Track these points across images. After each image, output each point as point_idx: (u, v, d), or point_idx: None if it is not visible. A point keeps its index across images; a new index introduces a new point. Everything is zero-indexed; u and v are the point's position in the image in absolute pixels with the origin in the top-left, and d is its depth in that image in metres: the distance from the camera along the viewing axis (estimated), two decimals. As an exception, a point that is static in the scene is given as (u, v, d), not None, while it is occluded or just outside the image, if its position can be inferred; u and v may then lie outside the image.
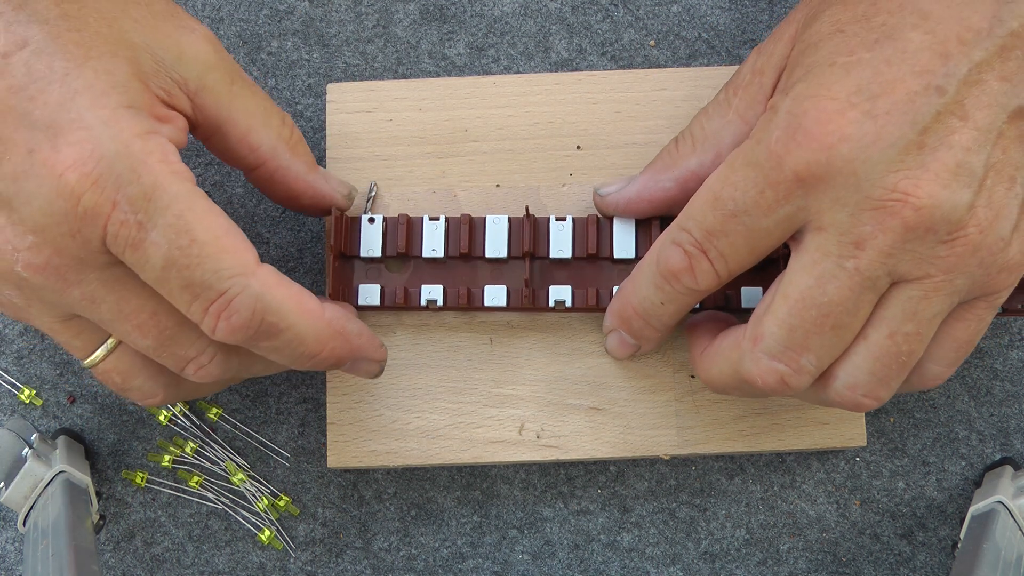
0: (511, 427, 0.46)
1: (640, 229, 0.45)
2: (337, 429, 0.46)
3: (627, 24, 0.51)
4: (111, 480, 0.49)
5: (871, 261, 0.35)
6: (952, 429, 0.49)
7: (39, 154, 0.35)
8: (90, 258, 0.36)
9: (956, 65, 0.34)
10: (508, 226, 0.46)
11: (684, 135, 0.43)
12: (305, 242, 0.50)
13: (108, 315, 0.37)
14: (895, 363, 0.37)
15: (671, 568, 0.49)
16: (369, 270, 0.46)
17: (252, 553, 0.49)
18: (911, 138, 0.34)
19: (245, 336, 0.37)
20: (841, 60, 0.36)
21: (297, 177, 0.43)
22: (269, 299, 0.37)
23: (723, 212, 0.37)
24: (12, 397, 0.50)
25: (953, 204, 0.35)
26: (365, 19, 0.51)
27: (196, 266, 0.35)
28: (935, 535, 0.49)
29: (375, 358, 0.42)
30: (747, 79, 0.41)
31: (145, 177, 0.35)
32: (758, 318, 0.38)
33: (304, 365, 0.39)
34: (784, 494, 0.49)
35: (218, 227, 0.36)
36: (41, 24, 0.36)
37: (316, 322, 0.38)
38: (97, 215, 0.35)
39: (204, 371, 0.39)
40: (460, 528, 0.49)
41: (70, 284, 0.36)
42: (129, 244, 0.35)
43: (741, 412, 0.46)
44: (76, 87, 0.35)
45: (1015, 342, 0.50)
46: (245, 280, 0.36)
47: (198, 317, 0.36)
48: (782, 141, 0.36)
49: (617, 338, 0.44)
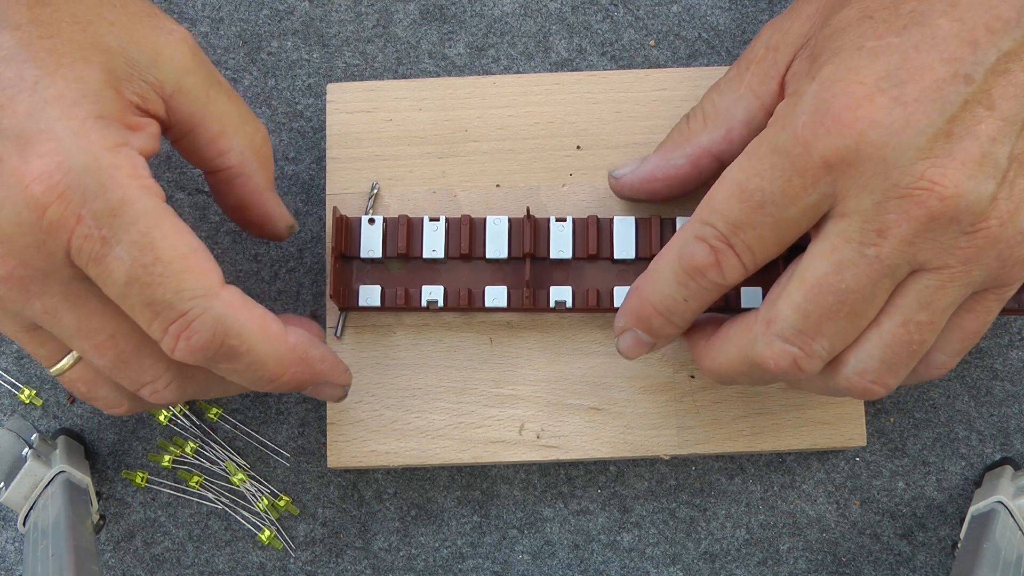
0: (511, 427, 0.46)
1: (640, 229, 0.45)
2: (337, 429, 0.46)
3: (627, 24, 0.51)
4: (111, 480, 0.49)
5: (893, 249, 0.35)
6: (952, 429, 0.49)
7: (7, 163, 0.34)
8: (54, 271, 0.35)
9: (984, 54, 0.34)
10: (508, 227, 0.46)
11: (695, 112, 0.43)
12: (305, 242, 0.50)
13: (68, 331, 0.37)
14: (906, 351, 0.37)
15: (671, 568, 0.49)
16: (370, 271, 0.46)
17: (252, 553, 0.49)
18: (939, 126, 0.34)
19: (204, 357, 0.36)
20: (870, 45, 0.35)
21: (255, 190, 0.42)
22: (231, 321, 0.36)
23: (749, 203, 0.36)
24: (12, 397, 0.50)
25: (978, 195, 0.34)
26: (365, 19, 0.51)
27: (158, 285, 0.35)
28: (935, 535, 0.49)
29: (338, 383, 0.41)
30: (760, 54, 0.41)
31: (112, 192, 0.34)
32: (772, 302, 0.38)
33: (264, 388, 0.39)
34: (784, 494, 0.49)
35: (183, 245, 0.35)
36: (12, 30, 0.35)
37: (278, 346, 0.38)
38: (62, 228, 0.34)
39: (159, 395, 0.39)
40: (460, 528, 0.49)
41: (32, 296, 0.36)
42: (92, 259, 0.35)
43: (741, 412, 0.46)
44: (46, 96, 0.35)
45: (1015, 342, 0.50)
46: (207, 301, 0.36)
47: (158, 336, 0.36)
48: (810, 126, 0.35)
49: (632, 337, 0.42)
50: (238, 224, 0.44)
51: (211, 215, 0.50)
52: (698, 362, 0.42)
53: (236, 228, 0.50)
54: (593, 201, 0.47)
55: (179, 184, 0.50)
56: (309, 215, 0.50)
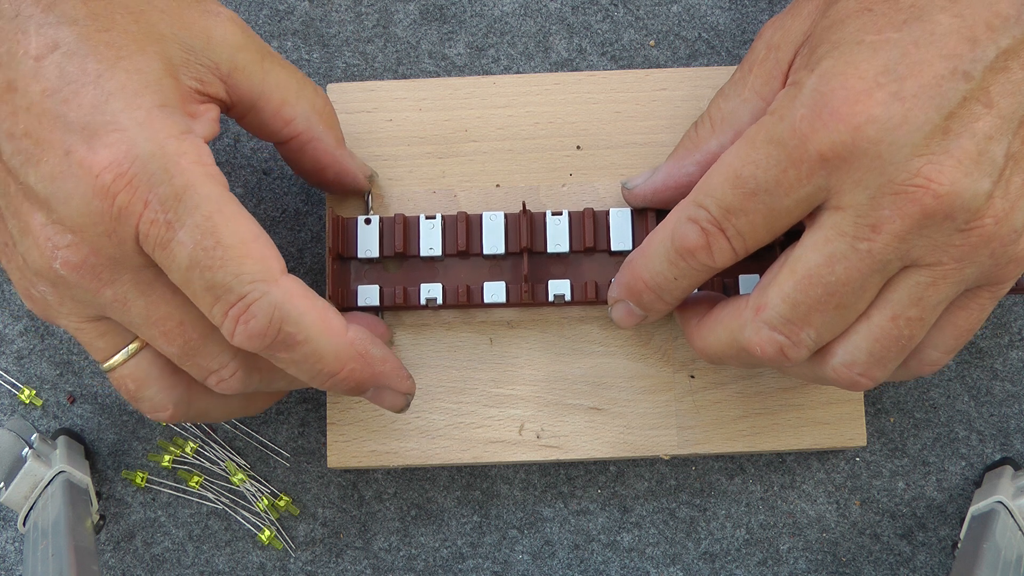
0: (511, 427, 0.46)
1: (636, 221, 0.45)
2: (337, 429, 0.46)
3: (627, 24, 0.51)
4: (111, 480, 0.49)
5: (885, 245, 0.35)
6: (952, 429, 0.49)
7: (75, 155, 0.35)
8: (125, 258, 0.36)
9: (983, 51, 0.34)
10: (505, 222, 0.46)
11: (703, 119, 0.43)
12: (305, 242, 0.50)
13: (137, 318, 0.37)
14: (895, 346, 0.37)
15: (671, 568, 0.49)
16: (367, 271, 0.46)
17: (252, 553, 0.49)
18: (937, 123, 0.34)
19: (262, 344, 0.37)
20: (869, 39, 0.35)
21: (326, 150, 0.43)
22: (289, 308, 0.36)
23: (743, 190, 0.36)
24: (12, 397, 0.50)
25: (973, 193, 0.34)
26: (365, 19, 0.51)
27: (219, 268, 0.35)
28: (935, 535, 0.49)
29: (400, 389, 0.41)
30: (762, 55, 0.41)
31: (177, 178, 0.35)
32: (763, 288, 0.38)
33: (324, 384, 0.39)
34: (784, 494, 0.49)
35: (245, 232, 0.36)
36: (71, 25, 0.36)
37: (336, 339, 0.38)
38: (130, 214, 0.35)
39: (225, 384, 0.39)
40: (460, 528, 0.49)
41: (104, 284, 0.37)
42: (159, 243, 0.35)
43: (741, 412, 0.46)
44: (109, 89, 0.35)
45: (1015, 342, 0.50)
46: (266, 287, 0.36)
47: (219, 320, 0.36)
48: (807, 119, 0.35)
49: (624, 308, 0.43)
50: (319, 187, 0.45)
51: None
52: (689, 340, 0.42)
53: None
54: (593, 201, 0.47)
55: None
56: (309, 215, 0.50)
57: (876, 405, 0.49)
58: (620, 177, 0.47)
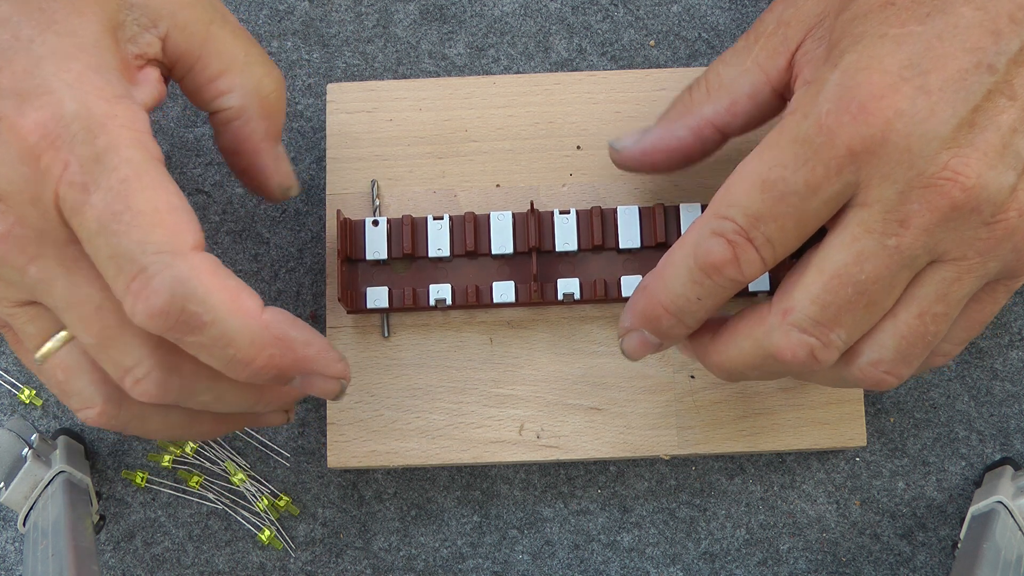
0: (511, 427, 0.46)
1: (644, 218, 0.45)
2: (337, 429, 0.46)
3: (627, 24, 0.51)
4: (111, 480, 0.49)
5: (914, 240, 0.35)
6: (952, 429, 0.49)
7: (6, 121, 0.34)
8: (50, 230, 0.35)
9: (1007, 43, 0.34)
10: (512, 222, 0.46)
11: (698, 83, 0.42)
12: (305, 242, 0.50)
13: (60, 300, 0.36)
14: (921, 342, 0.37)
15: (671, 568, 0.49)
16: (376, 272, 0.46)
17: (252, 553, 0.49)
18: (963, 116, 0.34)
19: (165, 324, 0.34)
20: (892, 32, 0.35)
21: (249, 137, 0.41)
22: (195, 284, 0.34)
23: (771, 194, 0.35)
24: (12, 397, 0.50)
25: (999, 186, 0.34)
26: (365, 19, 0.51)
27: (123, 234, 0.33)
28: (935, 535, 0.49)
29: (329, 373, 0.37)
30: (770, 28, 0.40)
31: (100, 139, 0.34)
32: (787, 292, 0.37)
33: (240, 374, 0.36)
34: (784, 494, 0.49)
35: (162, 200, 0.34)
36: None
37: (248, 320, 0.35)
38: (50, 176, 0.34)
39: (141, 386, 0.36)
40: (460, 528, 0.49)
41: (29, 258, 0.35)
42: (74, 208, 0.34)
43: (741, 412, 0.46)
44: (41, 53, 0.35)
45: (1015, 342, 0.50)
46: (171, 259, 0.34)
47: (121, 295, 0.34)
48: (834, 114, 0.34)
49: (638, 338, 0.40)
50: (234, 173, 0.43)
51: (211, 215, 0.50)
52: (704, 358, 0.40)
53: (237, 228, 0.50)
54: (594, 201, 0.47)
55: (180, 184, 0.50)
56: (309, 215, 0.50)
57: (876, 405, 0.49)
58: (620, 177, 0.47)
